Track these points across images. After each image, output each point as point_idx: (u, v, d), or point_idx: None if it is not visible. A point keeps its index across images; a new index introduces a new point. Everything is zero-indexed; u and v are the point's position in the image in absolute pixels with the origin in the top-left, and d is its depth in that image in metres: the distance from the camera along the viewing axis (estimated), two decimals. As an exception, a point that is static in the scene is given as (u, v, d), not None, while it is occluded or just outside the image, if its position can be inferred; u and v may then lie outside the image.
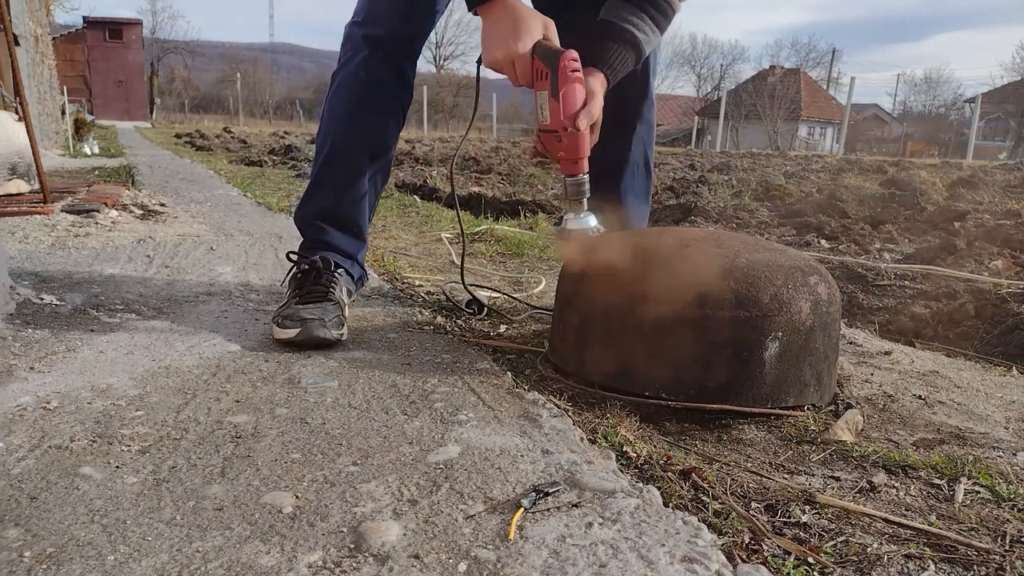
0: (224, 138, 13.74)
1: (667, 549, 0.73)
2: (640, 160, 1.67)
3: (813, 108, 36.82)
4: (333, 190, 1.56)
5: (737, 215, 3.82)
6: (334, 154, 1.54)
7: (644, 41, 1.37)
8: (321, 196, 1.58)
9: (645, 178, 1.70)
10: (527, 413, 1.07)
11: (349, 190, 1.55)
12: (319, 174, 1.57)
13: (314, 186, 1.59)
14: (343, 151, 1.54)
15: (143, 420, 1.00)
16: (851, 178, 6.78)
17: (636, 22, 1.36)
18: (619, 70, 1.36)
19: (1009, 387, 1.39)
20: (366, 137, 1.53)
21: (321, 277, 1.46)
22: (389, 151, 1.60)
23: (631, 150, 1.65)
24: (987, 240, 2.71)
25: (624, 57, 1.36)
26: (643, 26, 1.36)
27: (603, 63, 1.33)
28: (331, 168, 1.55)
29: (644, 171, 1.69)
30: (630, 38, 1.35)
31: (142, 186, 4.35)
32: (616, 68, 1.35)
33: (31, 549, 0.69)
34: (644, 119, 1.65)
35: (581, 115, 1.22)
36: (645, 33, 1.37)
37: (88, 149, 8.48)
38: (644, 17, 1.37)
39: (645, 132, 1.66)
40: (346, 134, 1.53)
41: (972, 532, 0.82)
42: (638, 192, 1.69)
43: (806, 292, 1.12)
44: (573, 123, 1.22)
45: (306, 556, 0.70)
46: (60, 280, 1.80)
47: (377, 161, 1.57)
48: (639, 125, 1.65)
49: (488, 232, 2.91)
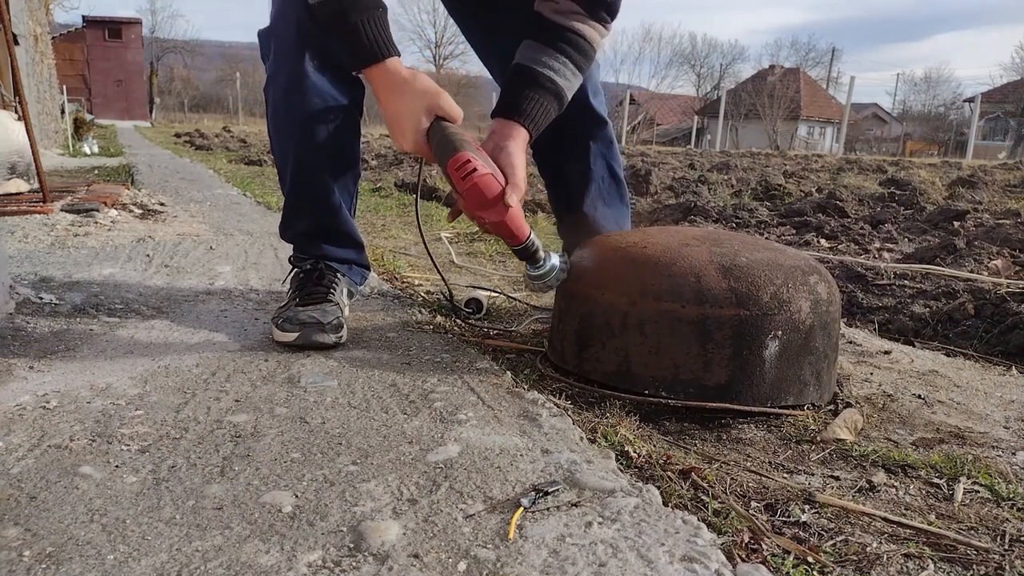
0: (224, 137, 13.74)
1: (667, 548, 0.73)
2: (604, 174, 1.61)
3: (813, 108, 36.82)
4: (309, 211, 1.48)
5: (737, 215, 3.82)
6: (299, 178, 1.44)
7: (565, 87, 1.27)
8: (300, 218, 1.50)
9: (615, 186, 1.64)
10: (527, 412, 1.07)
11: (327, 206, 1.47)
12: (290, 198, 1.48)
13: (289, 210, 1.50)
14: (307, 175, 1.44)
15: (143, 419, 1.00)
16: (851, 178, 6.78)
17: (556, 66, 1.26)
18: (540, 121, 1.27)
19: (1008, 387, 1.39)
20: (324, 155, 1.42)
21: (323, 278, 1.45)
22: (353, 154, 1.50)
23: (591, 168, 1.59)
24: (987, 240, 2.71)
25: (545, 106, 1.26)
26: (564, 71, 1.26)
27: (522, 115, 1.24)
28: (300, 191, 1.46)
29: (611, 181, 1.62)
30: (550, 86, 1.25)
31: (141, 185, 4.35)
32: (537, 120, 1.26)
33: (30, 548, 0.69)
34: (599, 137, 1.58)
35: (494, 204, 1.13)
36: (566, 78, 1.27)
37: (87, 148, 8.48)
38: (564, 60, 1.26)
39: (603, 148, 1.59)
40: (304, 157, 1.42)
41: (971, 531, 0.82)
42: (610, 200, 1.63)
43: (806, 291, 1.13)
44: (491, 215, 1.15)
45: (306, 555, 0.70)
46: (59, 279, 1.80)
47: (345, 171, 1.48)
48: (592, 144, 1.58)
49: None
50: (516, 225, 1.17)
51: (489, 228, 1.19)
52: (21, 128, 3.52)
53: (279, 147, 1.46)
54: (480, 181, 1.13)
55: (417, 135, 1.17)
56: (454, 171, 1.13)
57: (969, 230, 3.15)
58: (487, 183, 1.13)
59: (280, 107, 1.40)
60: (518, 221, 1.17)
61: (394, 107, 1.17)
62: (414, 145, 1.17)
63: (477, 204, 1.15)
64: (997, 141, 32.29)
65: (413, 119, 1.16)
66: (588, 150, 1.59)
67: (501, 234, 1.19)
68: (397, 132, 1.18)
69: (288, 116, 1.40)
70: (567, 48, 1.27)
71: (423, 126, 1.16)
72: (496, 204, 1.14)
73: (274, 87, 1.40)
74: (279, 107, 1.41)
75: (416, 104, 1.16)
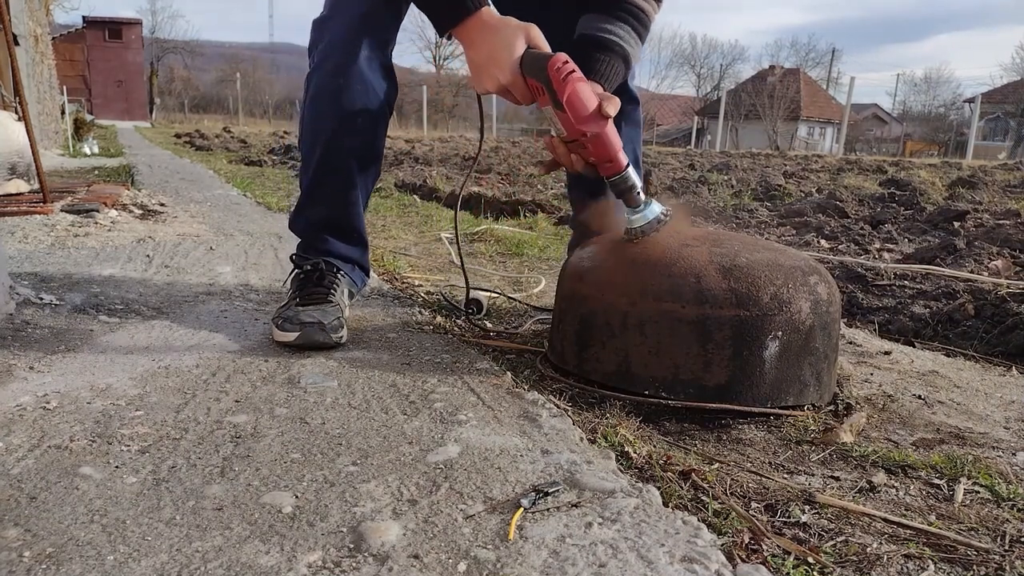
0: (224, 138, 13.74)
1: (667, 549, 0.73)
2: (632, 159, 1.65)
3: (813, 108, 36.83)
4: (328, 201, 1.51)
5: (737, 215, 3.82)
6: (326, 165, 1.48)
7: (631, 52, 1.33)
8: (316, 207, 1.53)
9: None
10: (527, 413, 1.07)
11: (344, 199, 1.51)
12: (311, 186, 1.51)
13: (307, 197, 1.53)
14: (335, 162, 1.47)
15: (143, 420, 1.00)
16: (851, 178, 6.78)
17: (620, 33, 1.32)
18: (612, 80, 1.31)
19: (1009, 387, 1.39)
20: (356, 144, 1.46)
21: (323, 279, 1.45)
22: (380, 152, 1.54)
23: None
24: (987, 240, 2.71)
25: (615, 67, 1.31)
26: (627, 37, 1.32)
27: (595, 74, 1.27)
28: (324, 179, 1.49)
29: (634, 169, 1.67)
30: (618, 49, 1.31)
31: (142, 186, 4.35)
32: (609, 78, 1.30)
33: (31, 549, 0.69)
34: (630, 119, 1.61)
35: (594, 116, 1.14)
36: (629, 44, 1.33)
37: (88, 149, 8.48)
38: (626, 27, 1.33)
39: (632, 131, 1.63)
40: (335, 144, 1.45)
41: (972, 532, 0.82)
42: None
43: (806, 292, 1.13)
44: (591, 126, 1.14)
45: (306, 556, 0.70)
46: (60, 280, 1.80)
47: (370, 165, 1.52)
48: (625, 125, 1.59)
49: (488, 232, 2.91)
50: (615, 143, 1.17)
51: (590, 150, 1.18)
52: (21, 128, 3.51)
53: (311, 131, 1.49)
54: (580, 85, 1.14)
55: (513, 65, 1.18)
56: (554, 72, 1.13)
57: (969, 230, 3.15)
58: (586, 90, 1.15)
59: (324, 90, 1.44)
60: (617, 140, 1.17)
61: (489, 44, 1.19)
62: (511, 74, 1.18)
63: (577, 112, 1.14)
64: (997, 141, 32.30)
65: (510, 48, 1.17)
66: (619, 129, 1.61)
67: (600, 156, 1.17)
68: (493, 66, 1.19)
69: (331, 98, 1.43)
70: (628, 17, 1.33)
71: (519, 52, 1.18)
72: (596, 116, 1.15)
73: (321, 72, 1.43)
74: (323, 90, 1.44)
75: (513, 34, 1.18)
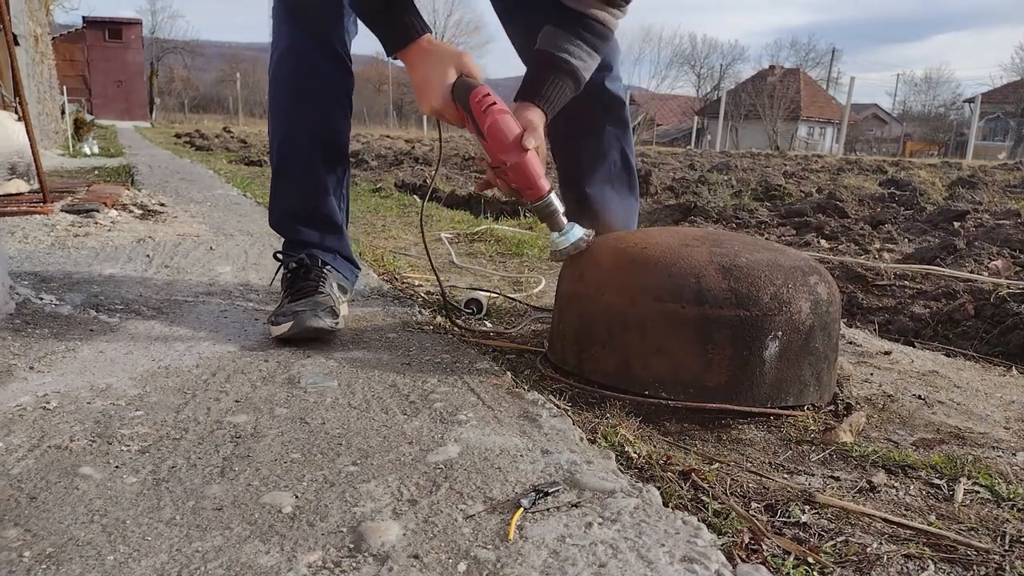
0: (224, 138, 13.75)
1: (667, 549, 0.73)
2: (617, 158, 1.64)
3: (813, 108, 36.84)
4: (293, 189, 1.55)
5: (737, 215, 3.82)
6: (284, 152, 1.53)
7: (581, 68, 1.35)
8: (284, 197, 1.57)
9: (626, 174, 1.67)
10: (527, 413, 1.07)
11: (309, 186, 1.54)
12: (275, 174, 1.56)
13: (274, 187, 1.58)
14: (292, 148, 1.52)
15: (143, 420, 1.00)
16: (851, 178, 6.78)
17: (572, 50, 1.34)
18: (556, 102, 1.34)
19: (1008, 387, 1.39)
20: (311, 130, 1.50)
21: (310, 273, 1.47)
22: (341, 140, 1.57)
23: (605, 150, 1.62)
24: (987, 240, 2.71)
25: (561, 87, 1.33)
26: (579, 52, 1.34)
27: (539, 97, 1.31)
28: (285, 166, 1.54)
29: (623, 167, 1.66)
30: (567, 67, 1.33)
31: (142, 186, 4.35)
32: (552, 100, 1.33)
33: (31, 549, 0.69)
34: (614, 118, 1.62)
35: (513, 146, 1.19)
36: (582, 60, 1.35)
37: (88, 149, 8.48)
38: (579, 43, 1.34)
39: (619, 130, 1.64)
40: (290, 130, 1.51)
41: (972, 532, 0.82)
42: (620, 188, 1.67)
43: (806, 292, 1.13)
44: (510, 156, 1.20)
45: (306, 556, 0.70)
46: (60, 280, 1.80)
47: (330, 152, 1.54)
48: (608, 125, 1.62)
49: (488, 232, 2.91)
50: (535, 172, 1.22)
51: (511, 177, 1.23)
52: (21, 128, 3.52)
53: (272, 123, 1.54)
54: (500, 117, 1.20)
55: (444, 91, 1.23)
56: (475, 104, 1.20)
57: (969, 230, 3.15)
58: (506, 121, 1.20)
59: (278, 80, 1.49)
60: (537, 169, 1.22)
61: (424, 70, 1.25)
62: (441, 100, 1.24)
63: (497, 142, 1.20)
64: (997, 141, 32.31)
65: (441, 76, 1.23)
66: (602, 129, 1.62)
67: (520, 184, 1.23)
68: (428, 90, 1.24)
69: (283, 92, 1.48)
70: (583, 32, 1.35)
71: (449, 80, 1.23)
72: (516, 146, 1.20)
73: (275, 61, 1.49)
74: (277, 80, 1.49)
75: (444, 62, 1.24)
